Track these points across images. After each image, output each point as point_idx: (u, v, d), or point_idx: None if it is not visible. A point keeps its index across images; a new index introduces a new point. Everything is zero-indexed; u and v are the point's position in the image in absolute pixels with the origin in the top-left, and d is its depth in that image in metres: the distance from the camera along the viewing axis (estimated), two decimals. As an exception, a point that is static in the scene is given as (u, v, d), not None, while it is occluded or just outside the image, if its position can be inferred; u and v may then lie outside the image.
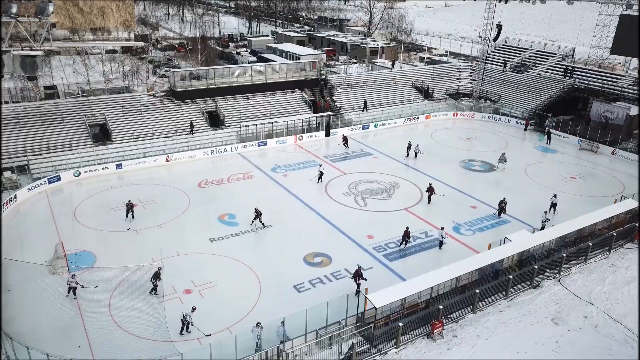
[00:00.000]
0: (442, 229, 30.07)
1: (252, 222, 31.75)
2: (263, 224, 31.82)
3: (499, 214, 33.89)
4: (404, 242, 29.99)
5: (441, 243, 30.02)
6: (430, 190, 35.77)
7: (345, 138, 47.53)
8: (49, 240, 29.45)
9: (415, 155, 44.23)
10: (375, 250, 29.76)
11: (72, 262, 27.33)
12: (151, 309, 23.75)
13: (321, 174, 39.12)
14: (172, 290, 25.36)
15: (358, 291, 24.87)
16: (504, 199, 34.03)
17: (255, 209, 31.59)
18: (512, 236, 27.57)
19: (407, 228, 30.00)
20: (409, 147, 45.03)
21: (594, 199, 36.91)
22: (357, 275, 25.31)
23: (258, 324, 21.05)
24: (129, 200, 32.41)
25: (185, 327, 22.19)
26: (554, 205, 33.95)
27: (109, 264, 27.64)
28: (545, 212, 32.15)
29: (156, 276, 24.86)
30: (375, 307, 21.54)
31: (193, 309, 22.27)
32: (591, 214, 30.30)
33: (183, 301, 24.63)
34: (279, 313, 22.64)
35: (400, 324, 21.82)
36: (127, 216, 32.06)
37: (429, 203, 35.78)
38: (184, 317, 22.05)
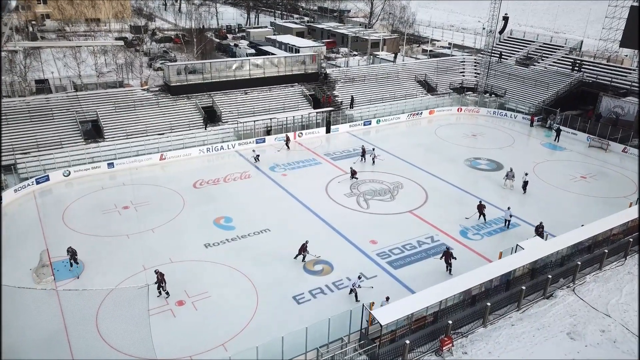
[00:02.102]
0: (509, 208, 31.41)
1: (161, 289, 24.28)
2: (167, 293, 24.34)
3: None
4: (482, 216, 31.88)
5: (508, 222, 31.15)
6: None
7: (287, 138, 44.75)
8: (35, 245, 28.02)
9: (373, 162, 41.07)
10: (378, 256, 28.24)
11: (58, 270, 25.90)
12: (138, 325, 22.16)
13: (257, 155, 40.95)
14: (164, 302, 23.89)
15: (449, 272, 26.22)
16: (541, 223, 29.63)
17: (155, 271, 24.27)
18: (525, 244, 25.97)
19: (480, 201, 32.20)
20: (364, 152, 41.78)
21: (606, 200, 35.46)
22: (448, 255, 26.16)
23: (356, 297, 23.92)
24: (70, 247, 26.19)
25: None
26: (525, 183, 36.15)
27: (97, 272, 26.26)
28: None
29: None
30: (380, 324, 20.07)
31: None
32: (607, 219, 28.66)
33: (175, 314, 23.21)
34: (277, 327, 21.41)
35: (407, 342, 20.37)
36: (71, 266, 26.08)
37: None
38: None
